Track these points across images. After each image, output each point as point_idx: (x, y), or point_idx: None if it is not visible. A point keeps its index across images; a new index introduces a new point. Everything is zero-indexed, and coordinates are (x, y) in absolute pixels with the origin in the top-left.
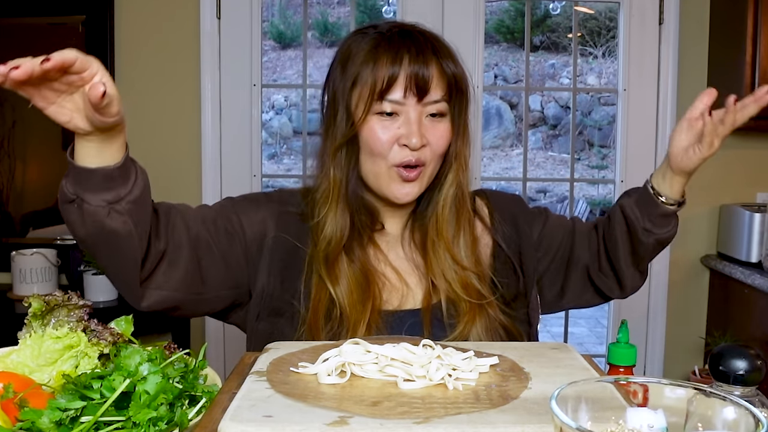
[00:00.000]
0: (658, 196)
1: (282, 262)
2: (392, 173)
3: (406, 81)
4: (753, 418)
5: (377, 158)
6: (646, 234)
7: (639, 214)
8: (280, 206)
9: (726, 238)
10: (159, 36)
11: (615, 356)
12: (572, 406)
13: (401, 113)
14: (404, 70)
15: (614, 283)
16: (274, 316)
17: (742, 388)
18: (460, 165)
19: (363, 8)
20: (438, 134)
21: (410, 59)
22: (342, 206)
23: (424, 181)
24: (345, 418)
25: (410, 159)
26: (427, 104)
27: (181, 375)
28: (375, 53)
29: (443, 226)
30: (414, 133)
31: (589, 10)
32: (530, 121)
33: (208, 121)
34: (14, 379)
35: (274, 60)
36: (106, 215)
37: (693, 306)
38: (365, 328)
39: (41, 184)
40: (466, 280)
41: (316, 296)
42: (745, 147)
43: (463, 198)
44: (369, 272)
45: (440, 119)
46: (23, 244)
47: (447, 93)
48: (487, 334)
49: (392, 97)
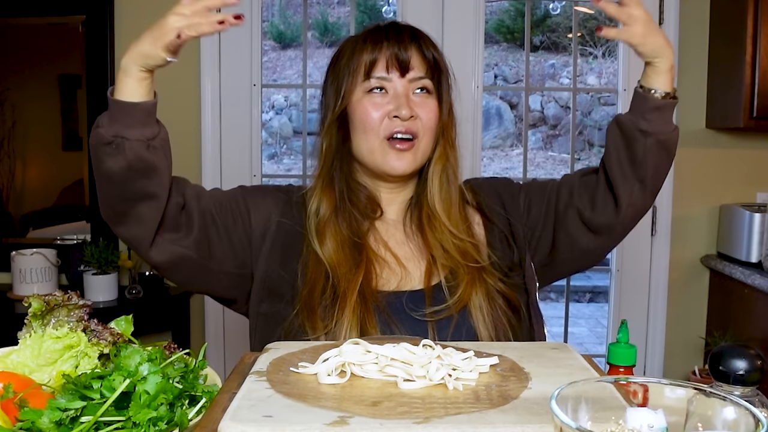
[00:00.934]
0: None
1: (283, 247)
2: (385, 146)
3: (387, 60)
4: (753, 418)
5: (369, 134)
6: (644, 135)
7: (632, 116)
8: (287, 196)
9: (726, 238)
10: None
11: (615, 356)
12: (572, 406)
13: (389, 89)
14: (385, 52)
15: (611, 206)
16: (274, 300)
17: (742, 388)
18: (447, 140)
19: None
20: (426, 108)
21: (389, 43)
22: (329, 180)
23: (418, 154)
24: (345, 418)
25: (401, 128)
26: (412, 80)
27: (181, 375)
28: (360, 44)
29: (436, 198)
30: (403, 105)
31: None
32: (530, 121)
33: (208, 121)
34: (14, 379)
35: (274, 60)
36: (146, 149)
37: (693, 306)
38: (362, 305)
39: (41, 184)
40: (464, 249)
41: (311, 273)
42: (745, 147)
43: (454, 174)
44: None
45: (427, 95)
46: (23, 244)
47: (430, 72)
48: (486, 301)
49: (377, 74)
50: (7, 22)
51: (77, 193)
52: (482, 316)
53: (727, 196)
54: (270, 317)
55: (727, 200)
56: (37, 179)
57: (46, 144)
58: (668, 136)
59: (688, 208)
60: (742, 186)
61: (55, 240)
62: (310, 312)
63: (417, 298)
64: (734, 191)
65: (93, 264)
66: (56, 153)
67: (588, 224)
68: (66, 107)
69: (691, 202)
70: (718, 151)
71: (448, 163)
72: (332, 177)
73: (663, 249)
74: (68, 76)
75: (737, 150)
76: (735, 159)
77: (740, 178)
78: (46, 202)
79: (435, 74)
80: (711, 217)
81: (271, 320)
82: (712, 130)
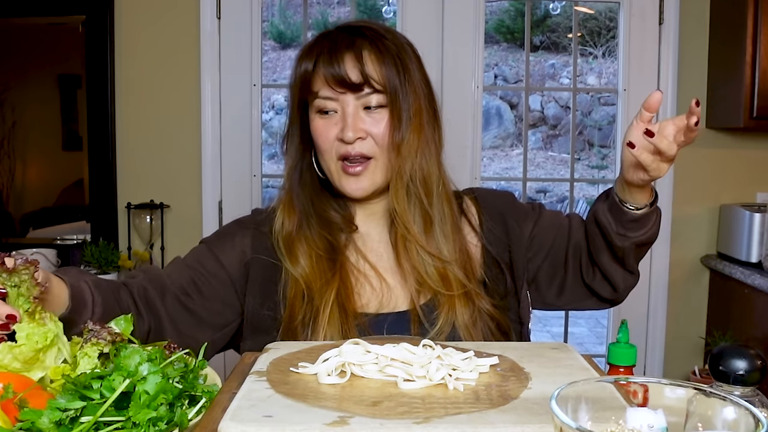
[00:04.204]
0: (623, 203)
1: (261, 284)
2: (338, 168)
3: (325, 78)
4: (753, 418)
5: (325, 155)
6: (622, 238)
7: (611, 219)
8: (254, 230)
9: (726, 238)
10: (159, 36)
11: (615, 356)
12: (572, 406)
13: (337, 108)
14: (320, 69)
15: (606, 285)
16: (258, 334)
17: (742, 388)
18: (402, 155)
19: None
20: (377, 125)
21: (324, 59)
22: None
23: (376, 174)
24: (345, 418)
25: (348, 151)
26: (360, 97)
27: (181, 375)
28: (299, 55)
29: (405, 218)
30: (348, 127)
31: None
32: (530, 121)
33: (208, 121)
34: (14, 379)
35: (274, 60)
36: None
37: (693, 306)
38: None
39: (41, 184)
40: (445, 273)
41: (290, 296)
42: (745, 147)
43: (426, 186)
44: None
45: (379, 110)
46: (23, 244)
47: (379, 84)
48: (473, 323)
49: (323, 94)
50: (7, 22)
51: (77, 193)
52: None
53: (727, 196)
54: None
55: (727, 200)
56: (37, 179)
57: (46, 144)
58: (647, 237)
59: (688, 208)
60: (742, 186)
61: (55, 240)
62: (292, 334)
63: (401, 322)
64: (734, 191)
65: (93, 264)
66: (56, 153)
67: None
68: (66, 107)
69: (691, 202)
70: (718, 151)
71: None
72: (293, 193)
73: (663, 249)
74: (68, 76)
75: (737, 150)
76: (735, 159)
77: (740, 178)
78: (46, 202)
79: (383, 86)
80: (711, 217)
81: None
82: (712, 130)
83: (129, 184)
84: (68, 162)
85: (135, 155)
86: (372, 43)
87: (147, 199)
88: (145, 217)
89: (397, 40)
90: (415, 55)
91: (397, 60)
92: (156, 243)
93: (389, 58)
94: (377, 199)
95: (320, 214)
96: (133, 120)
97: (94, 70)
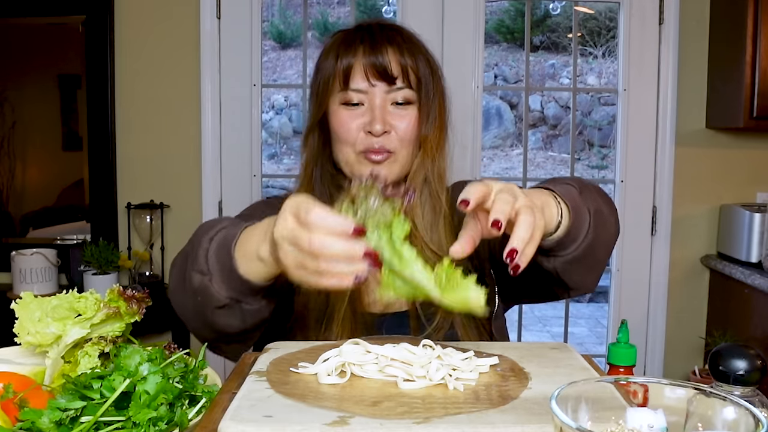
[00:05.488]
0: None
1: None
2: (360, 159)
3: (363, 70)
4: (753, 418)
5: (345, 146)
6: (548, 260)
7: None
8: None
9: (726, 238)
10: (159, 36)
11: (615, 356)
12: (572, 406)
13: (365, 102)
14: (360, 60)
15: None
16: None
17: (742, 388)
18: (426, 151)
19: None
20: (404, 120)
21: (365, 50)
22: (311, 189)
23: (394, 167)
24: (345, 418)
25: (374, 145)
26: (390, 92)
27: (181, 375)
28: (336, 47)
29: (416, 212)
30: (377, 119)
31: (589, 10)
32: (530, 121)
33: (208, 121)
34: (14, 379)
35: (274, 60)
36: (268, 312)
37: (693, 306)
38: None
39: (41, 184)
40: None
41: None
42: (745, 147)
43: (439, 185)
44: None
45: (405, 107)
46: (23, 244)
47: (409, 80)
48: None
49: (355, 86)
50: (7, 22)
51: (77, 193)
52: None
53: (727, 196)
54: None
55: (727, 200)
56: (37, 179)
57: (46, 144)
58: (575, 255)
59: (688, 208)
60: (742, 186)
61: (55, 240)
62: (303, 324)
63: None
64: (734, 191)
65: (93, 264)
66: (56, 153)
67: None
68: (66, 107)
69: (691, 202)
70: (718, 151)
71: (432, 176)
72: (314, 185)
73: (663, 249)
74: (68, 76)
75: (737, 150)
76: (735, 159)
77: (740, 178)
78: (46, 202)
79: (417, 81)
80: (711, 217)
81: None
82: (712, 130)
83: (129, 184)
84: (68, 162)
85: (135, 155)
86: (407, 40)
87: (147, 199)
88: (145, 217)
89: (423, 43)
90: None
91: (431, 59)
92: (156, 243)
93: (422, 56)
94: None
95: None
96: (133, 120)
97: (94, 70)
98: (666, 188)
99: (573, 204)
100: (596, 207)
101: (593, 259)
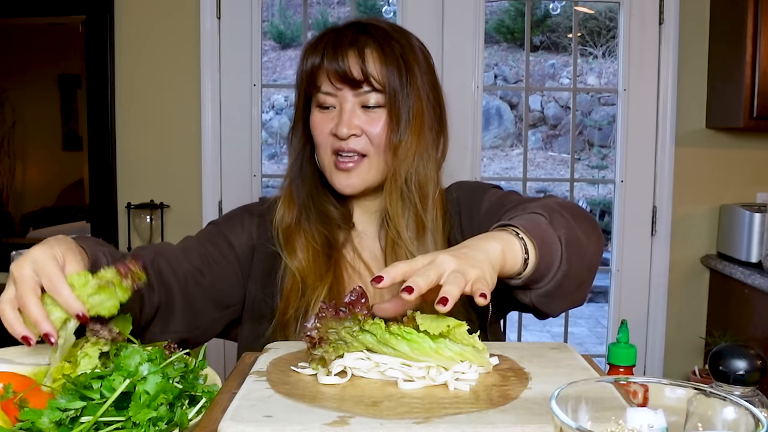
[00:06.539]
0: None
1: (263, 269)
2: (332, 164)
3: (327, 73)
4: (753, 418)
5: (320, 148)
6: (524, 293)
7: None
8: (259, 218)
9: (726, 238)
10: (159, 36)
11: (615, 356)
12: (572, 406)
13: (335, 104)
14: (324, 65)
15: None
16: (256, 321)
17: (742, 388)
18: (399, 158)
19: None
20: (374, 124)
21: (327, 53)
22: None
23: (369, 173)
24: (345, 418)
25: (341, 146)
26: (358, 95)
27: (181, 375)
28: (305, 49)
29: (397, 221)
30: (342, 123)
31: (589, 10)
32: (530, 121)
33: (208, 121)
34: (14, 379)
35: (274, 60)
36: None
37: (693, 306)
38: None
39: (41, 184)
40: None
41: (286, 289)
42: (745, 147)
43: (421, 191)
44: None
45: (376, 110)
46: (23, 244)
47: (379, 83)
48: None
49: (325, 89)
50: (7, 22)
51: (77, 193)
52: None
53: (727, 196)
54: (253, 339)
55: (727, 200)
56: (37, 179)
57: (46, 144)
58: (550, 287)
59: (688, 208)
60: (742, 186)
61: None
62: (284, 328)
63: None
64: (734, 191)
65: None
66: (56, 153)
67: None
68: (66, 107)
69: (691, 202)
70: (718, 151)
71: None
72: (297, 185)
73: (663, 249)
74: (68, 76)
75: (737, 150)
76: (735, 159)
77: (740, 178)
78: (46, 202)
79: (385, 83)
80: (711, 217)
81: (254, 342)
82: (712, 130)
83: (129, 184)
84: (68, 162)
85: (135, 155)
86: (376, 41)
87: (147, 199)
88: (145, 217)
89: (405, 41)
90: (425, 58)
91: (401, 61)
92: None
93: (392, 58)
94: (373, 198)
95: (319, 209)
96: (133, 120)
97: (94, 70)
98: (666, 188)
99: (541, 238)
100: (569, 235)
101: (570, 287)
